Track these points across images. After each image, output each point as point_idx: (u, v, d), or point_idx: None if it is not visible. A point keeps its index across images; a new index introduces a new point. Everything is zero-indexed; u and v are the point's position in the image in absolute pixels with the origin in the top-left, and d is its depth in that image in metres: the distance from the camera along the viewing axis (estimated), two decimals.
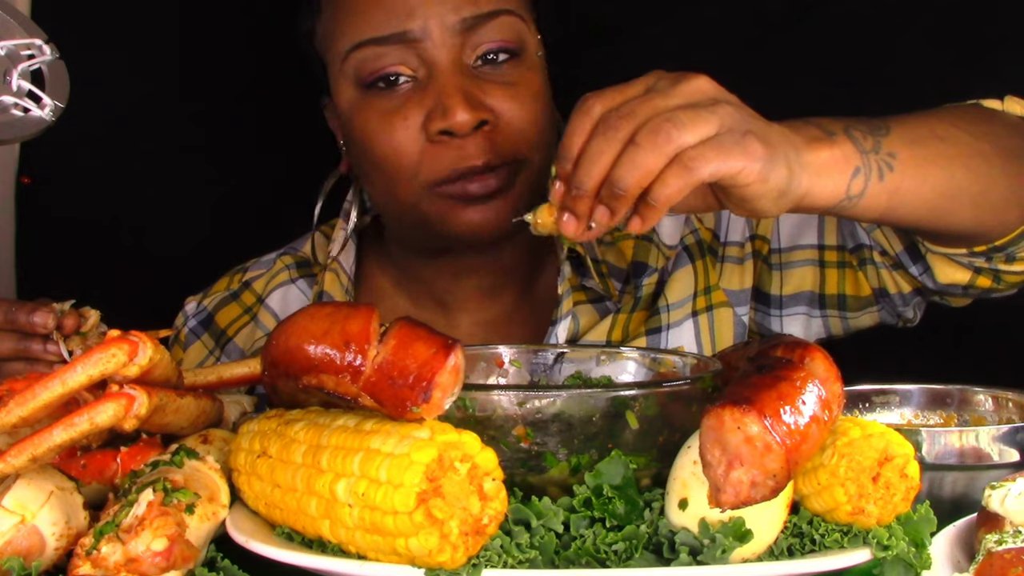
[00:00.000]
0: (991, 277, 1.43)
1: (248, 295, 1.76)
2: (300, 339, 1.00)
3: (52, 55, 1.23)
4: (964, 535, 1.06)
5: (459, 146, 1.45)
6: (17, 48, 1.20)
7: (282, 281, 1.75)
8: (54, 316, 1.39)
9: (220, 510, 1.04)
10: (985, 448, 1.32)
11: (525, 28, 1.52)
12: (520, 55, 1.51)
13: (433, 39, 1.45)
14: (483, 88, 1.47)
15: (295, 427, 1.04)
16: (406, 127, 1.47)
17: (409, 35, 1.45)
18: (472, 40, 1.47)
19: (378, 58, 1.46)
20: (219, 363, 1.72)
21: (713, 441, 0.93)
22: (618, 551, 0.97)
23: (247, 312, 1.75)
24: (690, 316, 1.63)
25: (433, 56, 1.46)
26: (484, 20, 1.47)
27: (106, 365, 1.00)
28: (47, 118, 1.21)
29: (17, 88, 1.19)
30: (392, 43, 1.45)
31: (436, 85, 1.46)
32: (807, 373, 0.98)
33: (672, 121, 1.07)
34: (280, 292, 1.74)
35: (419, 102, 1.47)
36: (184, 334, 1.76)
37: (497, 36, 1.48)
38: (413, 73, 1.47)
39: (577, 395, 1.09)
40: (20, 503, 0.99)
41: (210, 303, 1.77)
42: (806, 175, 1.15)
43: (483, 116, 1.45)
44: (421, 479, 0.91)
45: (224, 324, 1.75)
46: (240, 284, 1.78)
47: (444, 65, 1.46)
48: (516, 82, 1.50)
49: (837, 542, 1.01)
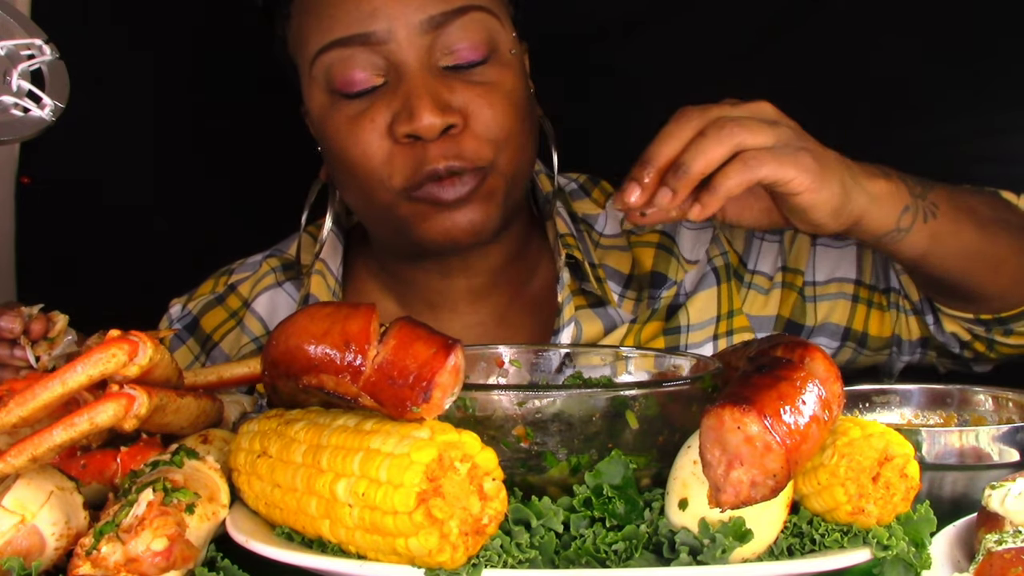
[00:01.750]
0: (986, 344, 1.55)
1: (234, 299, 1.73)
2: (300, 339, 1.00)
3: (52, 55, 1.23)
4: (964, 535, 1.06)
5: (424, 149, 1.41)
6: (17, 48, 1.20)
7: (268, 285, 1.72)
8: (21, 320, 1.36)
9: (220, 510, 1.04)
10: (985, 448, 1.32)
11: (497, 25, 1.46)
12: (492, 56, 1.46)
13: (398, 40, 1.41)
14: (452, 88, 1.43)
15: (295, 427, 1.04)
16: (373, 129, 1.43)
17: (374, 36, 1.41)
18: (441, 40, 1.42)
19: (344, 61, 1.42)
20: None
21: (713, 441, 0.93)
22: (618, 551, 0.97)
23: (232, 316, 1.72)
24: (711, 339, 1.64)
25: (399, 58, 1.41)
26: (452, 17, 1.42)
27: (106, 365, 1.00)
28: (47, 118, 1.21)
29: (17, 88, 1.19)
30: (356, 44, 1.41)
31: (403, 87, 1.41)
32: (807, 373, 0.98)
33: (737, 122, 1.24)
34: (267, 296, 1.71)
35: (387, 104, 1.43)
36: (169, 339, 1.72)
37: (467, 36, 1.43)
38: (383, 79, 1.43)
39: (577, 395, 1.09)
40: (20, 503, 0.99)
41: (195, 306, 1.74)
42: (863, 198, 1.31)
43: (450, 120, 1.41)
44: (421, 479, 0.91)
45: (209, 329, 1.72)
46: (225, 287, 1.75)
47: (411, 66, 1.41)
48: (488, 81, 1.45)
49: (837, 542, 1.01)
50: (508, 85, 1.46)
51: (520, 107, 1.48)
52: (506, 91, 1.45)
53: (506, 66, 1.46)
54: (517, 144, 1.47)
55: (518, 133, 1.47)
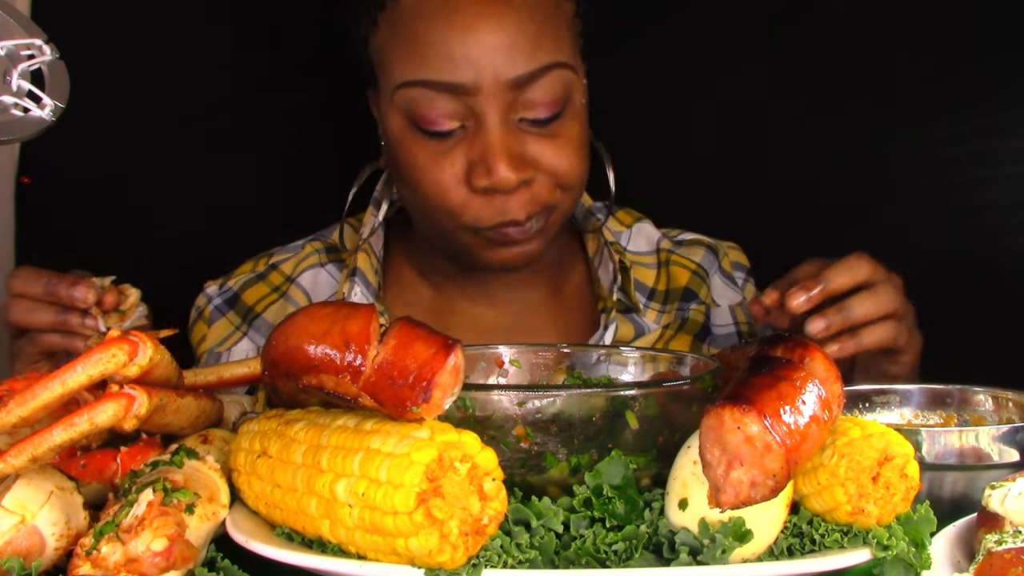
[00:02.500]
0: None
1: (276, 275, 1.77)
2: (300, 339, 1.00)
3: (52, 55, 1.23)
4: (964, 535, 1.06)
5: (503, 200, 1.49)
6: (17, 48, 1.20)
7: (312, 264, 1.77)
8: (94, 291, 1.40)
9: (220, 510, 1.04)
10: (985, 448, 1.32)
11: (574, 78, 1.53)
12: (566, 107, 1.52)
13: (484, 93, 1.45)
14: (526, 142, 1.49)
15: (295, 427, 1.04)
16: (453, 174, 1.49)
17: (461, 88, 1.45)
18: (523, 97, 1.47)
19: (429, 101, 1.46)
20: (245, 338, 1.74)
21: (713, 441, 0.93)
22: (618, 551, 0.97)
23: (275, 291, 1.76)
24: None
25: (482, 109, 1.46)
26: (537, 76, 1.47)
27: (106, 365, 1.00)
28: (47, 118, 1.21)
29: (17, 88, 1.19)
30: (443, 89, 1.45)
31: (482, 139, 1.47)
32: (807, 373, 0.98)
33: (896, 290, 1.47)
34: (310, 273, 1.76)
35: (465, 152, 1.49)
36: (209, 311, 1.76)
37: (547, 96, 1.48)
38: (462, 123, 1.48)
39: (577, 395, 1.09)
40: (20, 503, 0.99)
41: (235, 284, 1.78)
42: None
43: (525, 175, 1.48)
44: (421, 479, 0.91)
45: (251, 302, 1.75)
46: (266, 267, 1.79)
47: (491, 119, 1.46)
48: (559, 134, 1.52)
49: (837, 542, 1.01)
50: (576, 134, 1.54)
51: (583, 151, 1.56)
52: (574, 141, 1.53)
53: (576, 116, 1.54)
54: (579, 184, 1.57)
55: (580, 175, 1.56)
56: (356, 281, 1.69)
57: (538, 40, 1.46)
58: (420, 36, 1.46)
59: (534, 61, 1.46)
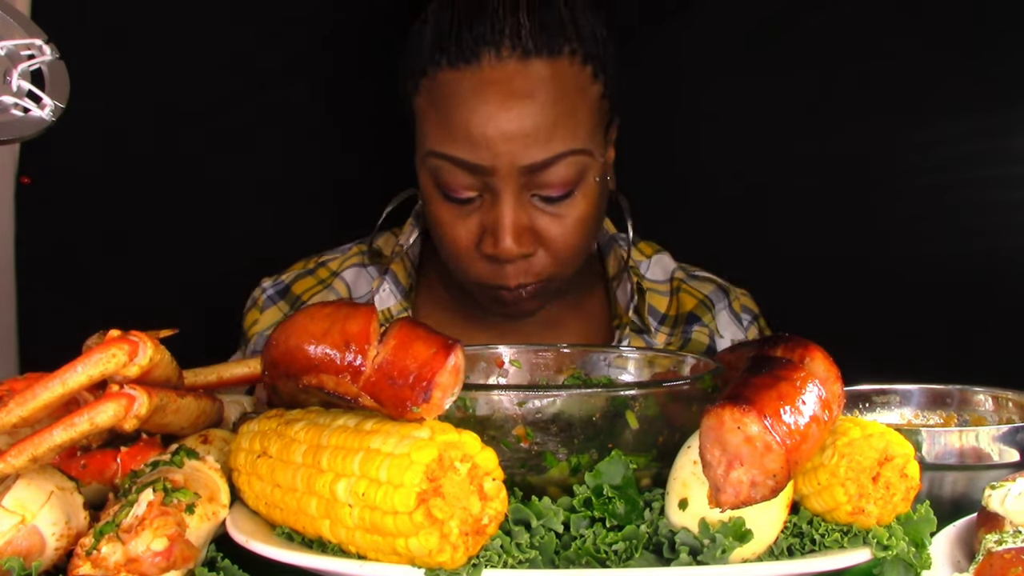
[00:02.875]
0: None
1: (323, 271, 1.92)
2: (300, 339, 1.00)
3: (52, 55, 1.23)
4: (964, 535, 1.06)
5: (502, 267, 1.64)
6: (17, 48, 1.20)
7: (355, 263, 1.92)
8: None
9: (220, 510, 1.04)
10: (985, 448, 1.32)
11: (590, 161, 1.63)
12: (578, 186, 1.63)
13: (500, 175, 1.58)
14: (535, 218, 1.63)
15: (295, 427, 1.04)
16: (467, 236, 1.65)
17: (479, 168, 1.58)
18: (536, 179, 1.60)
19: (451, 172, 1.61)
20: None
21: (713, 441, 0.93)
22: (618, 551, 0.97)
23: (321, 283, 1.90)
24: None
25: (498, 187, 1.59)
26: (549, 164, 1.59)
27: (106, 365, 1.00)
28: (47, 118, 1.21)
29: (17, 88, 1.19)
30: (464, 167, 1.59)
31: (495, 211, 1.61)
32: (807, 373, 0.98)
33: None
34: (353, 271, 1.91)
35: (480, 219, 1.64)
36: (262, 300, 1.90)
37: (558, 179, 1.60)
38: (479, 194, 1.62)
39: (577, 395, 1.09)
40: (20, 503, 0.99)
41: (287, 278, 1.92)
42: None
43: (526, 251, 1.62)
44: (421, 479, 0.91)
45: (299, 292, 1.90)
46: (316, 264, 1.93)
47: (505, 198, 1.60)
48: (567, 214, 1.63)
49: (837, 542, 1.01)
50: (583, 211, 1.64)
51: (588, 227, 1.67)
52: (581, 217, 1.64)
53: (587, 195, 1.64)
54: (577, 259, 1.69)
55: (583, 249, 1.69)
56: (387, 279, 1.84)
57: (554, 130, 1.59)
58: (449, 115, 1.60)
59: (548, 151, 1.58)
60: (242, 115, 2.22)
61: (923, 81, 2.09)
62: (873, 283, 2.14)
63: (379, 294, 1.81)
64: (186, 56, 2.18)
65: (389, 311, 1.80)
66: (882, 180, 2.14)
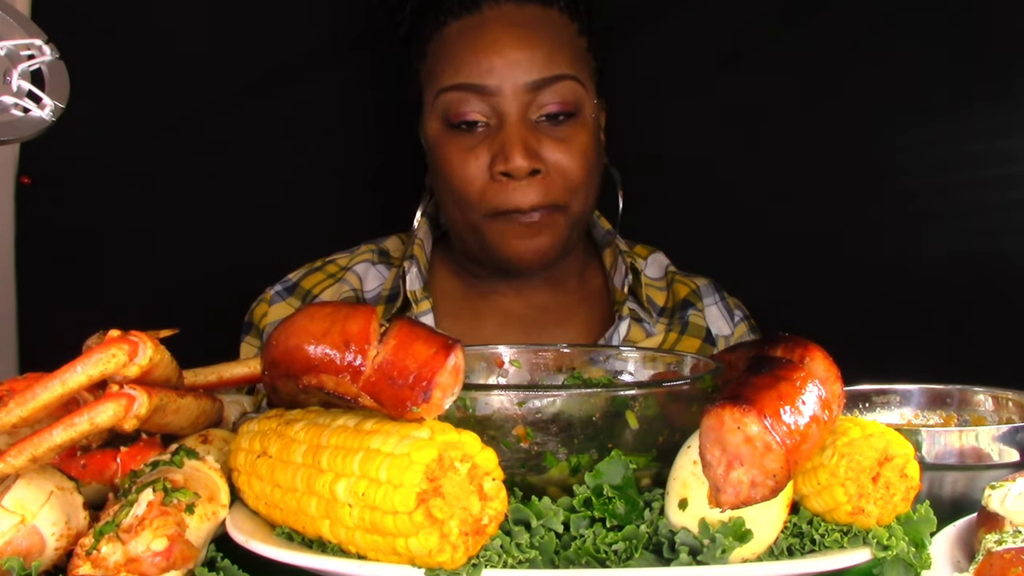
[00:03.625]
0: None
1: (332, 267, 2.00)
2: (300, 339, 1.00)
3: (52, 55, 1.23)
4: (964, 535, 1.06)
5: (514, 187, 1.75)
6: (17, 48, 1.20)
7: (364, 259, 2.01)
8: None
9: (220, 510, 1.04)
10: (985, 448, 1.32)
11: (584, 92, 1.79)
12: (576, 115, 1.78)
13: (505, 94, 1.74)
14: (540, 141, 1.76)
15: (295, 427, 1.04)
16: (477, 165, 1.76)
17: (486, 89, 1.75)
18: (538, 99, 1.75)
19: (461, 103, 1.76)
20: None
21: (713, 441, 0.93)
22: (618, 551, 0.97)
23: (331, 277, 1.99)
24: None
25: (503, 108, 1.75)
26: (549, 83, 1.75)
27: (106, 365, 1.00)
28: (47, 118, 1.21)
29: (17, 88, 1.19)
30: (472, 91, 1.76)
31: (503, 134, 1.75)
32: (807, 373, 0.98)
33: None
34: (363, 266, 1.99)
35: (488, 146, 1.76)
36: (270, 296, 1.97)
37: (558, 98, 1.76)
38: (487, 120, 1.76)
39: (577, 395, 1.09)
40: (20, 503, 0.99)
41: (295, 276, 1.99)
42: None
43: (536, 166, 1.74)
44: (421, 479, 0.91)
45: (309, 287, 1.98)
46: (323, 262, 2.01)
47: (511, 118, 1.75)
48: (568, 139, 1.77)
49: (837, 542, 1.01)
50: (584, 142, 1.79)
51: (591, 160, 1.80)
52: (582, 148, 1.78)
53: (584, 126, 1.80)
54: (585, 190, 1.80)
55: (587, 181, 1.80)
56: (413, 263, 1.93)
57: (551, 57, 1.77)
58: (458, 53, 1.78)
59: (547, 71, 1.76)
60: (243, 115, 2.22)
61: (923, 81, 2.09)
62: (873, 283, 2.14)
63: (409, 274, 1.89)
64: (186, 56, 2.17)
65: (415, 294, 1.87)
66: (882, 180, 2.14)
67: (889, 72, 2.11)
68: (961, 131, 2.08)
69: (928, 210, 2.11)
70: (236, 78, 2.21)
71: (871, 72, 2.12)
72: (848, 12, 2.13)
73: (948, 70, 2.07)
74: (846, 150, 2.15)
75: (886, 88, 2.11)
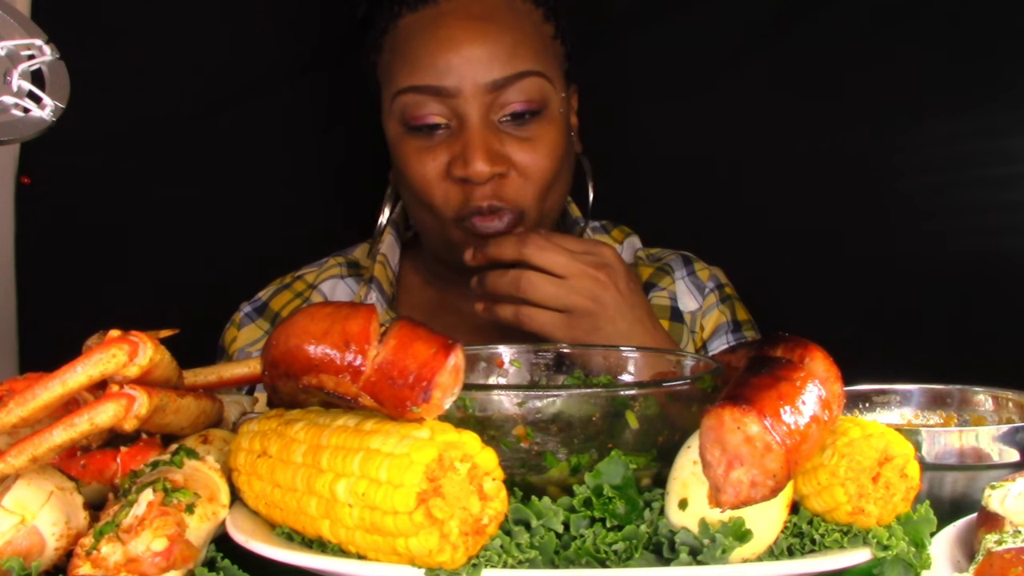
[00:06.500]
0: None
1: (299, 284, 1.95)
2: (300, 339, 1.00)
3: (52, 55, 1.23)
4: (964, 535, 1.06)
5: (472, 189, 1.66)
6: (17, 48, 1.20)
7: (333, 275, 1.95)
8: None
9: (220, 510, 1.04)
10: (985, 448, 1.32)
11: (549, 88, 1.69)
12: (542, 112, 1.69)
13: (465, 95, 1.64)
14: (504, 141, 1.66)
15: (295, 427, 1.04)
16: (435, 167, 1.68)
17: (445, 90, 1.64)
18: (500, 99, 1.65)
19: (419, 105, 1.66)
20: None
21: (713, 441, 0.93)
22: (618, 551, 0.97)
23: (298, 296, 1.94)
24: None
25: (463, 110, 1.65)
26: (511, 81, 1.65)
27: (106, 365, 0.99)
28: (47, 118, 1.21)
29: (17, 88, 1.19)
30: (430, 93, 1.65)
31: (463, 136, 1.65)
32: (807, 373, 0.98)
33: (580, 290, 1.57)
34: (330, 283, 1.94)
35: (448, 147, 1.67)
36: (239, 318, 1.93)
37: (522, 97, 1.66)
38: (447, 122, 1.67)
39: (577, 395, 1.09)
40: (20, 503, 0.99)
41: (265, 295, 1.95)
42: None
43: (498, 170, 1.65)
44: (421, 479, 0.91)
45: (278, 308, 1.93)
46: (292, 278, 1.97)
47: (472, 120, 1.65)
48: (535, 138, 1.68)
49: (837, 542, 1.01)
50: (551, 139, 1.70)
51: (558, 157, 1.71)
52: (549, 145, 1.69)
53: (552, 122, 1.70)
54: (551, 189, 1.72)
55: (553, 180, 1.71)
56: (373, 287, 1.86)
57: (515, 51, 1.66)
58: (413, 51, 1.67)
59: (510, 68, 1.65)
60: (243, 115, 2.22)
61: (923, 81, 2.09)
62: (873, 283, 2.14)
63: (368, 300, 1.82)
64: (186, 56, 2.18)
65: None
66: (882, 180, 2.14)
67: (888, 72, 2.11)
68: (961, 131, 2.08)
69: (928, 210, 2.11)
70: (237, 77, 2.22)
71: (870, 72, 2.12)
72: (848, 12, 2.13)
73: (948, 70, 2.07)
74: (846, 150, 2.15)
75: (886, 88, 2.11)
